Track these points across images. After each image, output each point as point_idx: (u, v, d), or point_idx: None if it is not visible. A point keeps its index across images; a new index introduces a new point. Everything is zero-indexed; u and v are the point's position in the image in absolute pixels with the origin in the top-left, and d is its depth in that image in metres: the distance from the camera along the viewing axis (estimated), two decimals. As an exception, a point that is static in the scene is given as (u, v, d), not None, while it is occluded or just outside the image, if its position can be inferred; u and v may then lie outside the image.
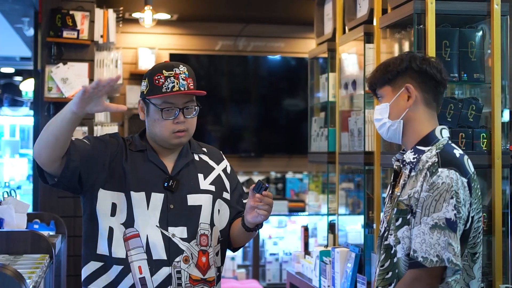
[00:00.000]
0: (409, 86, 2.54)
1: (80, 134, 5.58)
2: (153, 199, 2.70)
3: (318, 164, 5.46)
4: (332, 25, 4.78)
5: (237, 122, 8.06)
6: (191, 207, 2.73)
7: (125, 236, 2.68)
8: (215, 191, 2.82)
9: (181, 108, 2.71)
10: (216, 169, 2.88)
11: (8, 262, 3.54)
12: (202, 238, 2.73)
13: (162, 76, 2.68)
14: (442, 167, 2.39)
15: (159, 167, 2.75)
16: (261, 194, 2.61)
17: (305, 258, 4.59)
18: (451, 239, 2.33)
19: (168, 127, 2.71)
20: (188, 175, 2.79)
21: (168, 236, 2.68)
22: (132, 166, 2.73)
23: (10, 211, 4.32)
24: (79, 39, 5.54)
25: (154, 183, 2.72)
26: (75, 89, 5.51)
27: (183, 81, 2.68)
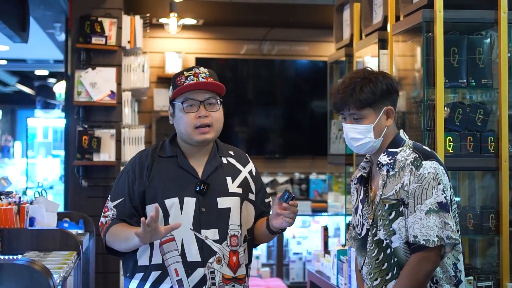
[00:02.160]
0: (390, 110, 2.77)
1: (108, 136, 5.78)
2: (186, 203, 2.81)
3: (337, 166, 5.56)
4: (350, 31, 4.90)
5: (263, 124, 8.17)
6: (221, 209, 2.85)
7: (161, 240, 2.78)
8: (242, 193, 2.93)
9: (203, 101, 2.83)
10: (242, 171, 2.99)
11: (38, 258, 3.71)
12: (233, 239, 2.86)
13: (183, 77, 2.83)
14: (424, 160, 2.67)
15: (189, 172, 2.86)
16: (287, 203, 2.75)
17: (324, 257, 4.69)
18: (447, 219, 2.61)
19: (191, 121, 2.83)
20: (217, 178, 2.90)
21: (201, 239, 2.80)
22: (163, 174, 2.85)
23: (41, 210, 4.47)
24: (107, 45, 5.75)
25: (186, 188, 2.83)
26: (103, 94, 5.71)
27: (202, 79, 2.82)
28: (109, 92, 5.73)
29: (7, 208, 4.10)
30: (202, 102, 2.83)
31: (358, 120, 2.76)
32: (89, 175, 5.87)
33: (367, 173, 2.87)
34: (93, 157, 5.73)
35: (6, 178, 5.01)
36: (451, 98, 3.79)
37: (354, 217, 2.91)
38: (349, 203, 5.06)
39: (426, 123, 3.50)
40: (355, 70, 2.93)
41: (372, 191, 2.82)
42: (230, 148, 3.08)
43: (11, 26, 5.56)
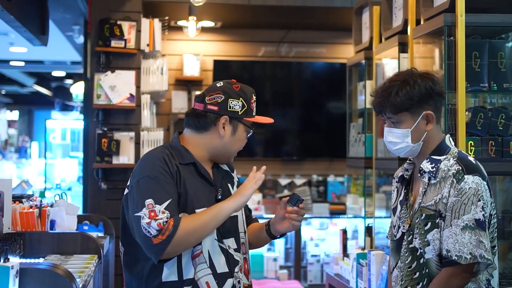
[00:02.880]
0: (429, 114, 2.72)
1: (128, 139, 5.81)
2: None
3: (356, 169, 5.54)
4: (369, 34, 4.88)
5: (280, 126, 8.15)
6: (232, 217, 2.79)
7: (193, 254, 2.66)
8: None
9: None
10: (234, 176, 2.97)
11: (59, 262, 3.73)
12: (243, 247, 2.84)
13: (253, 101, 2.82)
14: (467, 173, 2.61)
15: (209, 180, 2.76)
16: (297, 207, 2.76)
17: (343, 260, 4.68)
18: (482, 237, 2.57)
19: (241, 146, 2.84)
20: (224, 185, 2.85)
21: (226, 248, 2.74)
22: (189, 182, 2.70)
23: (61, 213, 4.49)
24: (126, 48, 5.77)
25: (210, 196, 2.74)
26: (122, 97, 5.73)
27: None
28: (128, 95, 5.76)
29: (28, 211, 4.13)
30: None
31: (395, 124, 2.75)
32: (108, 178, 5.89)
33: (409, 175, 2.86)
34: (112, 159, 5.76)
35: (26, 181, 5.05)
36: (472, 102, 3.77)
37: (393, 217, 2.89)
38: (369, 206, 5.04)
39: (448, 128, 3.49)
40: (398, 71, 2.90)
41: (412, 195, 2.80)
42: None
43: (31, 30, 5.60)
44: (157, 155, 2.68)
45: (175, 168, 2.67)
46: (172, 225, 2.53)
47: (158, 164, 2.64)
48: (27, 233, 4.00)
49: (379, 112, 2.78)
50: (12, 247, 3.54)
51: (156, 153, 2.71)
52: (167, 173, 2.62)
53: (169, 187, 2.61)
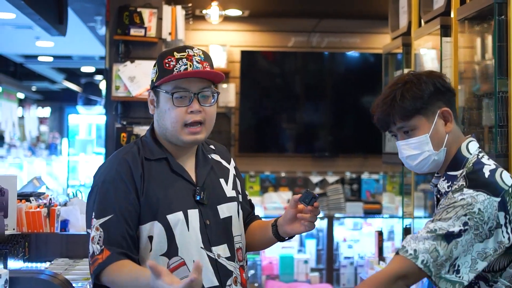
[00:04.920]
0: (446, 111, 2.34)
1: (142, 133, 5.48)
2: (191, 216, 2.35)
3: (393, 165, 5.22)
4: (407, 18, 4.53)
5: (312, 121, 7.83)
6: (224, 220, 2.42)
7: (170, 267, 2.30)
8: (236, 196, 2.52)
9: (196, 94, 2.33)
10: (230, 169, 2.56)
11: (66, 267, 3.43)
12: (239, 253, 2.45)
13: (173, 59, 2.34)
14: (469, 188, 2.22)
15: (184, 178, 2.40)
16: (312, 205, 2.36)
17: (379, 264, 4.40)
18: (440, 248, 2.17)
19: (181, 117, 2.31)
20: (212, 182, 2.45)
21: (214, 258, 2.35)
22: (157, 182, 2.35)
23: (75, 212, 4.22)
24: (147, 36, 5.44)
25: (187, 197, 2.37)
26: (142, 88, 5.41)
27: (197, 64, 2.32)
28: (148, 87, 5.41)
29: (35, 211, 3.82)
30: (196, 94, 2.33)
31: (409, 133, 2.34)
32: (127, 175, 5.57)
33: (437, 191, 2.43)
34: (132, 155, 5.43)
35: (39, 178, 4.77)
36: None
37: None
38: (407, 206, 4.72)
39: (498, 119, 3.09)
40: (395, 77, 2.54)
41: None
42: (210, 141, 2.59)
43: (47, 18, 5.31)
44: (121, 155, 2.39)
45: (139, 170, 2.33)
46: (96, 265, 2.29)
47: (115, 169, 2.35)
48: (33, 235, 3.70)
49: (386, 126, 2.38)
50: (14, 250, 3.23)
51: (119, 154, 2.41)
52: (122, 181, 2.31)
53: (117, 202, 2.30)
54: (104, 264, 2.27)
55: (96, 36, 8.75)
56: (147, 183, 2.34)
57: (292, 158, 7.59)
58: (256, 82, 7.54)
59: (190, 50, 2.37)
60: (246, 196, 2.66)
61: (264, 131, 7.71)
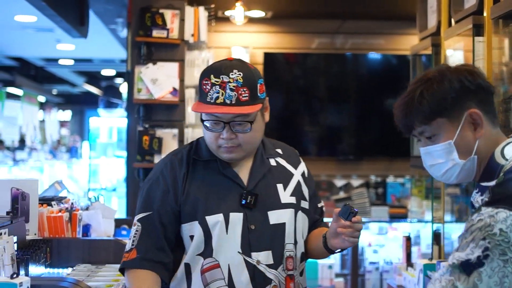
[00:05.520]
0: (475, 113, 1.96)
1: (170, 136, 5.41)
2: (232, 220, 2.33)
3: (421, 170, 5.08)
4: (436, 18, 4.41)
5: (335, 123, 7.71)
6: (274, 226, 2.36)
7: (203, 268, 2.33)
8: (296, 203, 2.44)
9: (227, 122, 2.30)
10: (295, 175, 2.50)
11: (88, 273, 3.34)
12: (288, 262, 2.38)
13: (209, 82, 2.30)
14: (488, 205, 1.82)
15: (233, 180, 2.38)
16: (350, 220, 2.27)
17: (407, 270, 4.25)
18: (459, 282, 1.77)
19: (215, 141, 2.34)
20: (267, 187, 2.41)
21: (253, 264, 2.32)
22: (201, 183, 2.37)
23: (97, 216, 4.18)
24: (169, 38, 5.37)
25: (231, 200, 2.35)
26: (164, 91, 5.33)
27: (230, 92, 2.26)
28: (171, 89, 5.34)
29: (57, 215, 3.75)
30: (227, 123, 2.30)
31: (432, 138, 2.00)
32: (150, 178, 5.49)
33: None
34: (154, 158, 5.35)
35: (60, 182, 4.70)
36: None
37: None
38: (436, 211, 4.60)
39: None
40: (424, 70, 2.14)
41: None
42: (277, 145, 2.55)
43: (68, 20, 5.26)
44: (171, 156, 2.47)
45: (183, 170, 2.36)
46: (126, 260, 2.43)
47: (161, 168, 2.43)
48: (54, 240, 3.61)
49: (407, 130, 2.05)
50: (35, 256, 3.15)
51: (171, 153, 2.50)
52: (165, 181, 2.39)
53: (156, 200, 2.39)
54: (125, 265, 2.41)
55: (117, 39, 8.71)
56: (189, 183, 2.36)
57: (315, 162, 7.46)
58: (279, 84, 7.43)
59: (225, 76, 2.29)
60: (316, 203, 2.58)
61: (287, 134, 7.59)
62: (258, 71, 2.43)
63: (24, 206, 3.59)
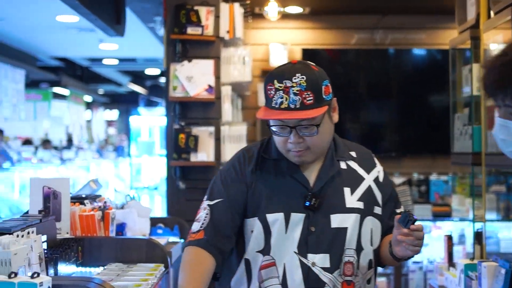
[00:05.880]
0: None
1: (207, 134, 5.36)
2: (293, 220, 2.33)
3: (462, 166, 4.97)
4: (475, 10, 4.28)
5: (377, 120, 7.58)
6: (335, 230, 2.33)
7: (261, 264, 2.35)
8: (363, 208, 2.39)
9: (293, 127, 2.30)
10: (366, 179, 2.44)
11: (119, 272, 3.32)
12: (347, 267, 2.33)
13: (273, 88, 2.31)
14: None
15: (299, 181, 2.37)
16: (408, 228, 2.20)
17: (449, 270, 4.14)
18: None
19: (283, 146, 2.35)
20: (333, 190, 2.38)
21: (308, 265, 2.30)
22: (267, 181, 2.39)
23: (132, 215, 4.16)
24: (204, 35, 5.31)
25: (294, 201, 2.35)
26: (200, 88, 5.29)
27: (294, 96, 2.27)
28: (206, 86, 5.29)
29: (89, 214, 3.73)
30: (293, 128, 2.30)
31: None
32: (187, 176, 5.46)
33: None
34: (190, 157, 5.31)
35: (96, 181, 4.67)
36: None
37: None
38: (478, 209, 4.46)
39: None
40: None
41: None
42: (352, 147, 2.51)
43: (103, 18, 5.25)
44: (243, 151, 2.51)
45: (251, 166, 2.42)
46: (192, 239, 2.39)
47: (233, 162, 2.48)
48: (86, 239, 3.59)
49: (492, 94, 1.87)
50: (65, 255, 3.13)
51: (244, 148, 2.55)
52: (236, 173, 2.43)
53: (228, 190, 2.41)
54: (191, 243, 2.37)
55: (156, 37, 8.72)
56: (256, 179, 2.39)
57: (356, 159, 7.34)
58: (318, 81, 7.33)
59: (288, 81, 2.29)
60: (393, 209, 2.49)
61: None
62: (323, 72, 2.39)
63: (56, 205, 3.58)
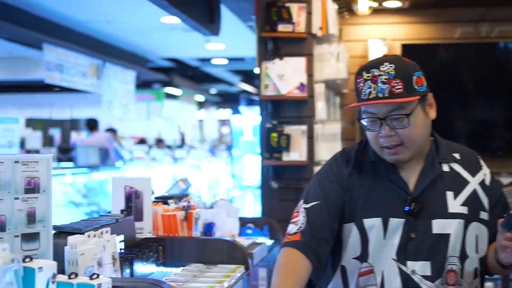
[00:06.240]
0: None
1: (299, 133, 5.27)
2: (391, 226, 2.23)
3: None
4: None
5: (484, 117, 7.21)
6: (436, 236, 2.21)
7: (359, 271, 2.27)
8: (468, 213, 2.25)
9: (383, 118, 2.21)
10: (471, 183, 2.30)
11: (196, 273, 3.30)
12: (449, 276, 2.22)
13: (362, 79, 2.24)
14: None
15: (398, 185, 2.27)
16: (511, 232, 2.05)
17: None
18: None
19: (375, 140, 2.25)
20: (434, 194, 2.26)
21: (407, 273, 2.20)
22: (363, 184, 2.30)
23: (221, 215, 4.13)
24: (295, 32, 5.22)
25: (393, 206, 2.25)
26: (291, 86, 5.20)
27: (382, 85, 2.18)
28: (298, 84, 5.19)
29: (171, 214, 3.74)
30: (383, 119, 2.20)
31: None
32: (279, 176, 5.39)
33: None
34: (282, 156, 5.24)
35: (185, 180, 4.68)
36: None
37: None
38: None
39: None
40: None
41: None
42: (455, 148, 2.37)
43: (194, 18, 5.25)
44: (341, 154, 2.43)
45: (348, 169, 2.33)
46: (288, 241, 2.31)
47: (330, 164, 2.41)
48: (168, 239, 3.60)
49: None
50: (142, 255, 3.13)
51: (341, 150, 2.46)
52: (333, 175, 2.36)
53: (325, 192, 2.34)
54: (287, 245, 2.31)
55: (256, 36, 8.69)
56: (352, 183, 2.32)
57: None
58: (420, 77, 7.07)
59: (376, 70, 2.22)
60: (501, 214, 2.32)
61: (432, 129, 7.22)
62: (416, 65, 2.30)
63: (138, 204, 3.61)
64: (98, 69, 11.13)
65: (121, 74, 12.12)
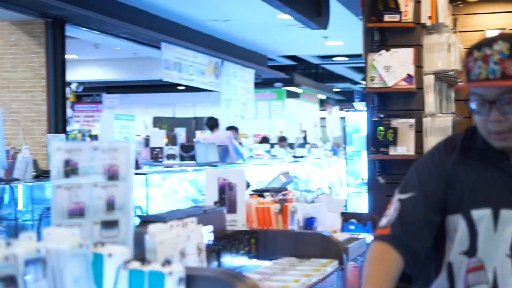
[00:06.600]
0: None
1: (406, 126, 5.08)
2: (503, 217, 2.06)
3: None
4: None
5: None
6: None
7: (467, 268, 2.09)
8: None
9: (493, 102, 2.02)
10: None
11: (285, 266, 3.22)
12: None
13: (472, 58, 2.04)
14: None
15: (510, 174, 2.09)
16: None
17: None
18: None
19: (483, 125, 2.06)
20: None
21: None
22: (470, 173, 2.13)
23: (322, 209, 4.05)
24: (402, 22, 5.03)
25: (505, 196, 2.08)
26: (398, 78, 5.02)
27: (494, 66, 1.98)
28: (405, 76, 5.01)
29: (264, 207, 3.69)
30: (493, 103, 2.02)
31: None
32: (386, 171, 5.21)
33: None
34: (389, 150, 5.07)
35: (286, 173, 4.64)
36: None
37: None
38: None
39: None
40: None
41: None
42: None
43: (300, 11, 5.18)
44: (444, 142, 2.27)
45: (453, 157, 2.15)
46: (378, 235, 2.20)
47: (432, 152, 2.25)
48: (261, 232, 3.55)
49: None
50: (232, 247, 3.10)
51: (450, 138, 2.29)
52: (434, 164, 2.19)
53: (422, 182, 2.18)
54: (376, 239, 2.21)
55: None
56: (458, 171, 2.14)
57: None
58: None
59: (487, 48, 2.02)
60: None
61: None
62: None
63: (231, 196, 3.58)
64: (217, 67, 11.25)
65: (240, 72, 12.20)
